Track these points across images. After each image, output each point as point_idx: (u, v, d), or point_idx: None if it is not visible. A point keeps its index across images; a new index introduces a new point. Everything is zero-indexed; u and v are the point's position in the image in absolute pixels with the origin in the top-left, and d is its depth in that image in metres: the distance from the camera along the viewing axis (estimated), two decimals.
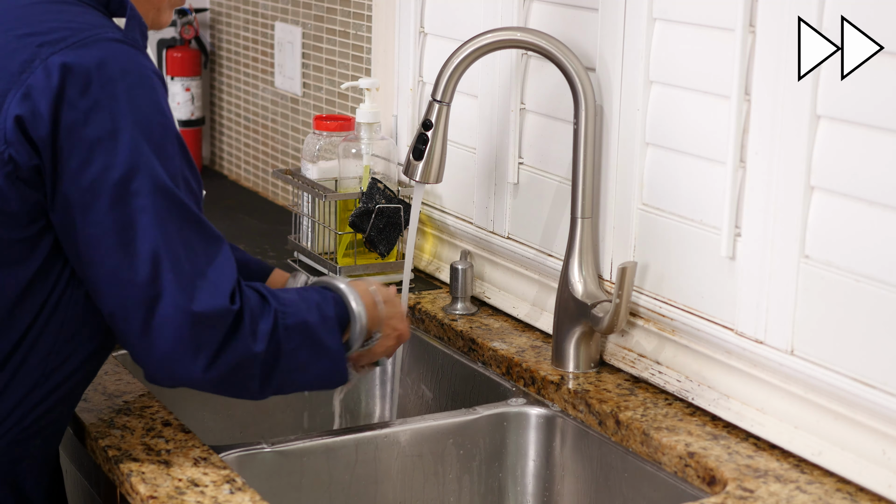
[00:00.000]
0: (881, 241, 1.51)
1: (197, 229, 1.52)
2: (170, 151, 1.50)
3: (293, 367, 1.60)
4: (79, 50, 1.47)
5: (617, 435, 1.74)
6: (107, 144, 1.46)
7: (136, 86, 1.49)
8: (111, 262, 1.48)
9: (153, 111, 1.49)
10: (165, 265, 1.48)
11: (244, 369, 1.56)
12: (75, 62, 1.46)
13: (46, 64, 1.46)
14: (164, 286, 1.48)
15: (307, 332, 1.61)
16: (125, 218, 1.48)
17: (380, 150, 2.30)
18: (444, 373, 2.08)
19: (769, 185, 1.63)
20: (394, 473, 1.83)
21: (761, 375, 1.67)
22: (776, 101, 1.61)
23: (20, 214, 1.49)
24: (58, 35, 1.48)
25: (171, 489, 1.53)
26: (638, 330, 1.86)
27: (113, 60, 1.48)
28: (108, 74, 1.47)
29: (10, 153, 1.46)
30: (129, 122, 1.47)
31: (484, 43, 1.87)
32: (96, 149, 1.46)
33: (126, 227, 1.48)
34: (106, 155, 1.46)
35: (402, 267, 2.20)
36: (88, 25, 1.50)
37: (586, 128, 1.85)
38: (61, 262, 1.54)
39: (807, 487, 1.55)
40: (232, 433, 2.12)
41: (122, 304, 1.50)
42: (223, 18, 3.15)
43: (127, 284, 1.49)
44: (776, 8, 1.60)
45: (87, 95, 1.46)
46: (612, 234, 1.90)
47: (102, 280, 1.49)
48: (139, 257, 1.48)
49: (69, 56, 1.46)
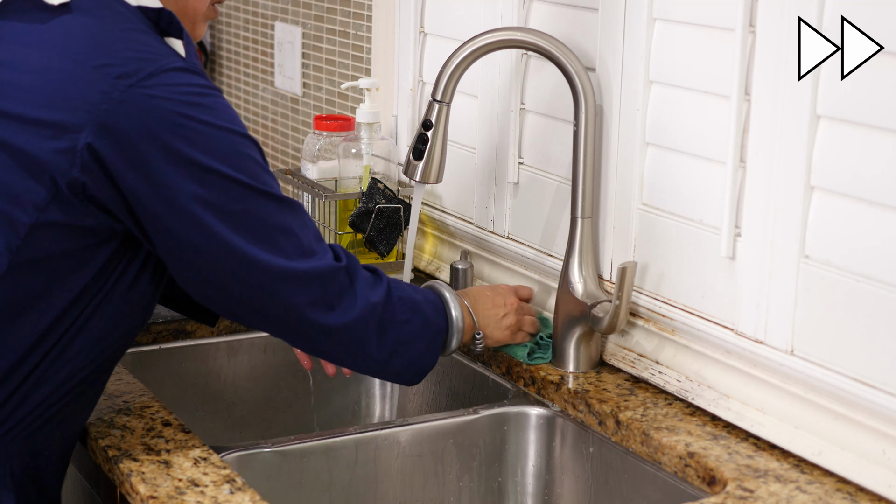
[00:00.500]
0: (881, 241, 1.51)
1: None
2: (242, 155, 1.57)
3: (403, 339, 1.71)
4: (154, 79, 1.50)
5: (617, 435, 1.74)
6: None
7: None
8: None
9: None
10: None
11: (364, 321, 1.66)
12: (151, 94, 1.49)
13: (125, 97, 1.48)
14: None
15: (416, 308, 1.74)
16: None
17: (380, 150, 2.30)
18: (444, 373, 2.08)
19: (769, 185, 1.63)
20: (394, 473, 1.83)
21: (761, 375, 1.67)
22: (776, 101, 1.61)
23: (85, 227, 1.53)
24: (133, 67, 1.50)
25: (171, 489, 1.53)
26: (638, 330, 1.86)
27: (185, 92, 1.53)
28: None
29: (85, 181, 1.49)
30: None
31: (484, 43, 1.87)
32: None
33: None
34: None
35: (402, 267, 2.20)
36: (157, 55, 1.53)
37: (586, 128, 1.85)
38: (112, 272, 1.57)
39: (807, 487, 1.55)
40: (232, 433, 2.12)
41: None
42: (223, 18, 3.15)
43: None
44: (776, 8, 1.60)
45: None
46: (612, 234, 1.90)
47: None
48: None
49: (146, 88, 1.49)
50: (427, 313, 1.75)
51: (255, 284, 1.58)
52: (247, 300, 1.60)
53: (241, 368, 2.12)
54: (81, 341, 1.58)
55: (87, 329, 1.58)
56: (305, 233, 1.62)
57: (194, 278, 1.59)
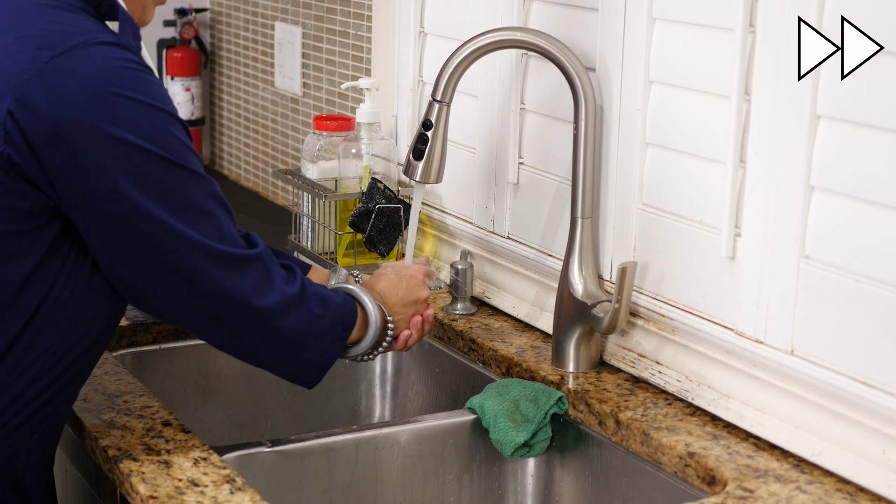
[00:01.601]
0: (881, 240, 1.51)
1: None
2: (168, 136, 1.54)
3: (315, 333, 1.68)
4: (75, 52, 1.47)
5: (617, 435, 1.74)
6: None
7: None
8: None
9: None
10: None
11: (279, 309, 1.63)
12: (73, 67, 1.46)
13: (45, 69, 1.46)
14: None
15: (329, 305, 1.70)
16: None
17: (380, 150, 2.30)
18: (444, 373, 2.08)
19: (769, 185, 1.63)
20: (394, 473, 1.83)
21: (761, 375, 1.67)
22: (776, 101, 1.61)
23: (23, 209, 1.50)
24: (56, 40, 1.48)
25: (171, 489, 1.53)
26: (638, 330, 1.86)
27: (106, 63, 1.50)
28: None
29: (10, 153, 1.46)
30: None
31: (484, 43, 1.87)
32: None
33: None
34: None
35: None
36: (84, 30, 1.51)
37: (586, 128, 1.85)
38: (63, 251, 1.54)
39: (807, 487, 1.55)
40: (232, 433, 2.12)
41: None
42: (223, 18, 3.15)
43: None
44: (776, 8, 1.60)
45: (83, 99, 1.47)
46: (612, 234, 1.90)
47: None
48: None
49: (67, 61, 1.47)
50: (339, 310, 1.73)
51: (177, 259, 1.54)
52: (167, 280, 1.56)
53: (241, 368, 2.12)
54: (48, 337, 1.55)
55: (51, 323, 1.55)
56: (226, 217, 1.59)
57: (113, 259, 1.55)
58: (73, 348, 1.58)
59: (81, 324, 1.58)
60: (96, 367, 1.88)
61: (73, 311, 1.57)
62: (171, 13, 3.18)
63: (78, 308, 1.57)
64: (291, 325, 1.65)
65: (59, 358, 1.58)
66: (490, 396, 1.85)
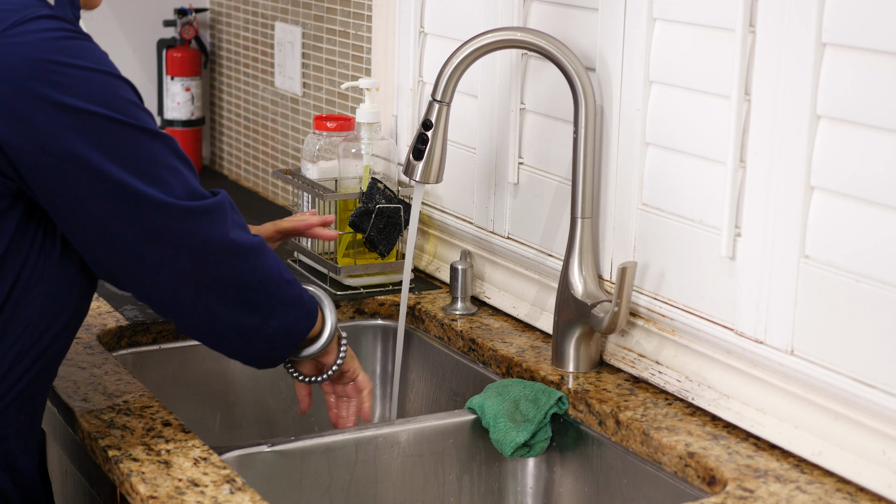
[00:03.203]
0: (881, 241, 1.51)
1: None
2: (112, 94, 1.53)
3: (284, 300, 1.68)
4: (13, 29, 1.49)
5: (617, 435, 1.74)
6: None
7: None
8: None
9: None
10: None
11: (252, 249, 1.63)
12: (13, 43, 1.47)
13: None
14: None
15: (295, 280, 1.71)
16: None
17: (380, 150, 2.30)
18: (444, 373, 2.08)
19: (769, 185, 1.63)
20: (394, 473, 1.83)
21: (761, 375, 1.67)
22: (776, 101, 1.61)
23: None
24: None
25: (171, 489, 1.53)
26: (638, 330, 1.86)
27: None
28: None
29: None
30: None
31: (484, 43, 1.87)
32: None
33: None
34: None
35: (402, 267, 2.20)
36: (21, 6, 1.52)
37: (586, 128, 1.85)
38: (31, 232, 1.55)
39: (807, 487, 1.55)
40: (232, 433, 2.12)
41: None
42: (223, 18, 3.15)
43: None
44: (776, 8, 1.60)
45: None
46: (612, 234, 1.90)
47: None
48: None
49: (7, 38, 1.48)
50: (303, 290, 1.72)
51: (149, 226, 1.54)
52: (139, 250, 1.55)
53: (241, 368, 2.12)
54: (25, 318, 1.57)
55: (25, 305, 1.56)
56: (188, 170, 1.59)
57: (84, 236, 1.55)
58: (50, 327, 1.60)
59: (56, 302, 1.59)
60: (96, 367, 1.88)
61: (46, 290, 1.58)
62: (171, 13, 3.18)
63: (51, 287, 1.58)
64: (266, 268, 1.64)
65: (38, 337, 1.59)
66: (490, 396, 1.85)
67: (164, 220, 1.55)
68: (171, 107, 3.13)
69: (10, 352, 1.57)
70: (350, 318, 2.20)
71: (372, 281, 2.26)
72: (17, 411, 1.61)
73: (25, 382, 1.60)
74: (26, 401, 1.62)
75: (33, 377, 1.60)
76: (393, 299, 2.21)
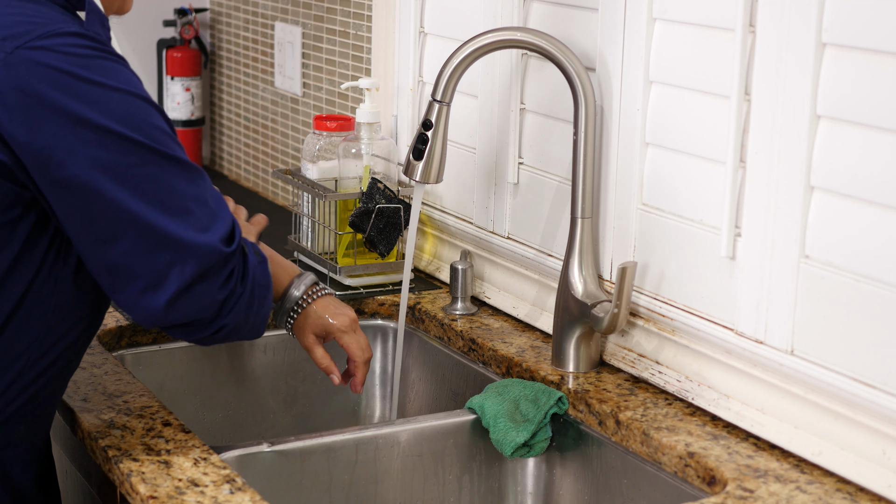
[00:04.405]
0: (881, 241, 1.51)
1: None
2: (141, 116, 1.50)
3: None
4: (40, 42, 1.46)
5: (617, 435, 1.74)
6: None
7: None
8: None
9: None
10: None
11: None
12: (38, 56, 1.46)
13: (10, 59, 1.45)
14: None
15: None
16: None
17: (380, 150, 2.30)
18: (444, 373, 2.08)
19: (769, 185, 1.63)
20: (394, 473, 1.83)
21: (761, 375, 1.67)
22: (776, 101, 1.61)
23: (2, 207, 1.49)
24: (21, 30, 1.47)
25: (171, 489, 1.53)
26: (638, 330, 1.86)
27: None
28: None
29: None
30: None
31: (484, 43, 1.87)
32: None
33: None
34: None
35: (402, 267, 2.20)
36: (50, 20, 1.50)
37: (586, 128, 1.85)
38: (44, 243, 1.53)
39: (807, 487, 1.55)
40: (232, 433, 2.12)
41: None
42: (223, 18, 3.15)
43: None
44: (776, 8, 1.60)
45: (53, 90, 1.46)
46: (612, 234, 1.90)
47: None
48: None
49: (32, 51, 1.45)
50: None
51: (156, 257, 1.50)
52: (146, 276, 1.51)
53: (241, 368, 2.12)
54: (33, 330, 1.55)
55: (35, 317, 1.54)
56: (214, 202, 1.55)
57: (89, 245, 1.51)
58: (59, 341, 1.58)
59: (67, 317, 1.58)
60: (96, 367, 1.88)
61: (56, 303, 1.56)
62: (171, 13, 3.18)
63: (62, 301, 1.56)
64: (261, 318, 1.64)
65: (46, 350, 1.57)
66: (490, 396, 1.85)
67: (169, 253, 1.50)
68: (171, 107, 3.13)
69: (17, 362, 1.55)
70: None
71: (372, 281, 2.26)
72: (17, 422, 1.60)
73: (29, 394, 1.58)
74: (29, 412, 1.60)
75: (38, 389, 1.59)
76: (393, 299, 2.21)
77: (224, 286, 1.55)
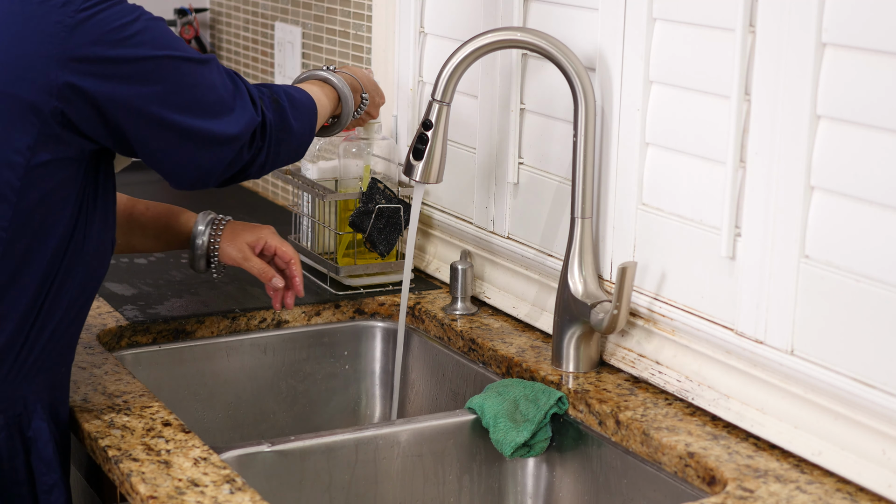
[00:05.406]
0: (881, 241, 1.51)
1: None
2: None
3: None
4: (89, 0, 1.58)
5: (617, 435, 1.74)
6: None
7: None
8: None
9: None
10: None
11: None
12: (96, 16, 1.56)
13: (76, 21, 1.55)
14: None
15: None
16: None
17: (380, 150, 2.30)
18: (444, 373, 2.08)
19: (769, 185, 1.63)
20: (394, 473, 1.83)
21: (761, 375, 1.67)
22: (776, 101, 1.61)
23: (70, 156, 1.60)
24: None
25: (171, 489, 1.54)
26: (638, 330, 1.86)
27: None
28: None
29: (64, 109, 1.56)
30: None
31: (484, 43, 1.87)
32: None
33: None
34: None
35: (402, 267, 2.20)
36: None
37: (586, 128, 1.85)
38: (91, 189, 1.65)
39: (807, 487, 1.55)
40: (232, 433, 2.12)
41: None
42: (223, 18, 3.15)
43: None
44: (776, 8, 1.60)
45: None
46: (612, 234, 1.90)
47: None
48: None
49: (91, 10, 1.56)
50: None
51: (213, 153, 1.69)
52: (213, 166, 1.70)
53: (241, 368, 2.12)
54: (79, 271, 1.65)
55: (81, 258, 1.65)
56: (236, 83, 1.72)
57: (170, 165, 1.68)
58: (92, 279, 1.69)
59: (98, 255, 1.68)
60: (96, 367, 1.88)
61: (93, 248, 1.67)
62: (171, 13, 3.18)
63: (96, 243, 1.67)
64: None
65: (81, 291, 1.67)
66: (490, 396, 1.85)
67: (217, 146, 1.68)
68: None
69: (64, 299, 1.64)
70: (350, 318, 2.20)
71: (372, 281, 2.26)
72: (59, 363, 1.68)
73: (71, 333, 1.68)
74: (65, 353, 1.69)
75: (75, 329, 1.69)
76: (393, 299, 2.21)
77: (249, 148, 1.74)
